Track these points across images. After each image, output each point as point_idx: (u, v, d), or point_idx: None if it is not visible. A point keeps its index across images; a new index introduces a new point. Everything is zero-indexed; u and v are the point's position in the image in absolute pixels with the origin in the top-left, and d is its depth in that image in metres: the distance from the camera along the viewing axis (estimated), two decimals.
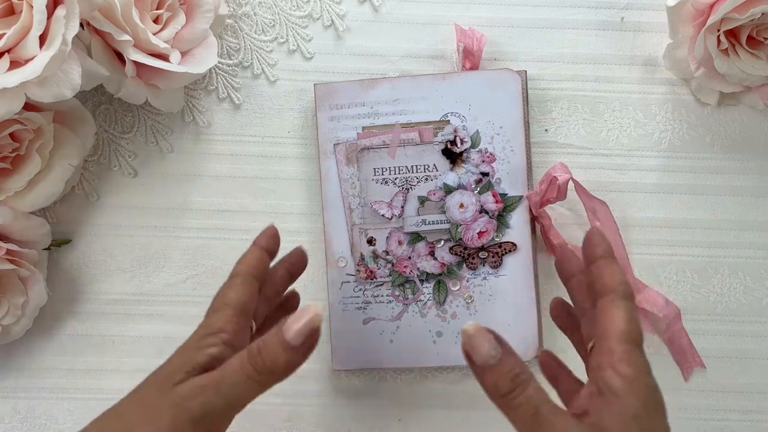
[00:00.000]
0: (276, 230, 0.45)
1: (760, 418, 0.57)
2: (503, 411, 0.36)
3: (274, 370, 0.36)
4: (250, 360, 0.36)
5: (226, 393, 0.36)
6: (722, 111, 0.57)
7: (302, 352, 0.37)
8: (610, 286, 0.37)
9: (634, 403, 0.33)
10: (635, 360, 0.34)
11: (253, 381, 0.36)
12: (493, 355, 0.35)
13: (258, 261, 0.43)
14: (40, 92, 0.44)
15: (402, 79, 0.55)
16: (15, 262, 0.51)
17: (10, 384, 0.57)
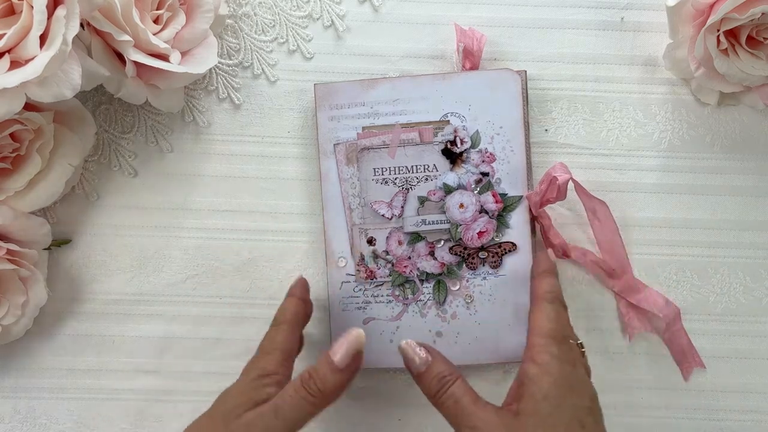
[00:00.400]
0: (305, 281, 0.52)
1: (760, 418, 0.57)
2: (437, 409, 0.41)
3: (325, 391, 0.41)
4: (303, 384, 0.41)
5: (284, 416, 0.40)
6: (722, 111, 0.57)
7: (348, 372, 0.41)
8: (539, 293, 0.44)
9: (545, 384, 0.38)
10: (551, 350, 0.40)
11: (307, 403, 0.41)
12: (422, 363, 0.42)
13: (297, 309, 0.49)
14: (41, 92, 0.44)
15: (402, 79, 0.55)
16: (15, 262, 0.51)
17: (10, 384, 0.57)
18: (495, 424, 0.37)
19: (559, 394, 0.38)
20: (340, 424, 0.57)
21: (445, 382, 0.40)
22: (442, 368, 0.41)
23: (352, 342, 0.41)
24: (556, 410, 0.38)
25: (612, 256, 0.55)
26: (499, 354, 0.54)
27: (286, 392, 0.41)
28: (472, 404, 0.39)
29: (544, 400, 0.38)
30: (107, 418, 0.57)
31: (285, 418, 0.40)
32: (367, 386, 0.57)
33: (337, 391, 0.41)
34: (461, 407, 0.39)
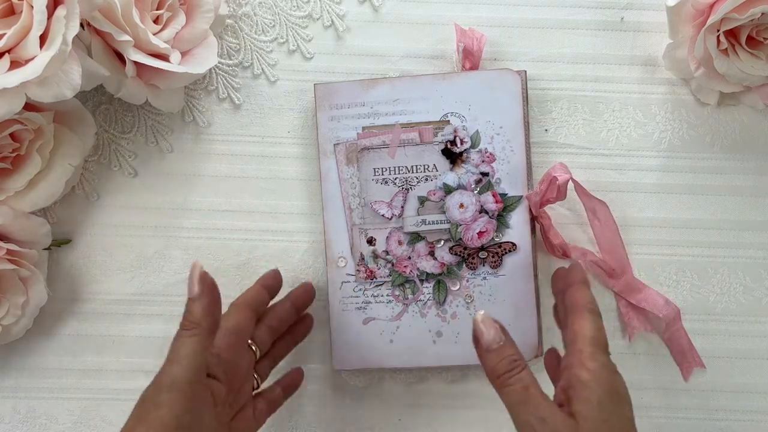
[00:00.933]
0: (278, 272, 0.54)
1: (760, 418, 0.57)
2: (498, 390, 0.41)
3: (196, 319, 0.43)
4: (181, 327, 0.43)
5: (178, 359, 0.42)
6: (722, 111, 0.57)
7: (206, 293, 0.43)
8: (582, 303, 0.44)
9: (598, 391, 0.39)
10: (600, 358, 0.40)
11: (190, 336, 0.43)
12: (497, 340, 0.41)
13: (256, 295, 0.51)
14: (41, 92, 0.44)
15: (402, 79, 0.55)
16: (15, 262, 0.51)
17: (10, 384, 0.57)
18: (560, 420, 0.38)
19: (612, 402, 0.39)
20: (341, 424, 0.57)
21: (516, 366, 0.40)
22: (514, 351, 0.41)
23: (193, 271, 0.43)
24: (611, 417, 0.38)
25: (612, 256, 0.55)
26: None
27: (174, 341, 0.43)
28: (542, 397, 0.39)
29: (599, 406, 0.38)
30: (107, 418, 0.57)
31: (177, 359, 0.42)
32: (367, 386, 0.57)
33: (206, 315, 0.43)
34: (531, 395, 0.39)
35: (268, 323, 0.52)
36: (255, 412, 0.50)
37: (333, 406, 0.57)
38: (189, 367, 0.42)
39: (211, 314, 0.43)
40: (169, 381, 0.41)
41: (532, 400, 0.39)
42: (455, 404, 0.57)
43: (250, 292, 0.51)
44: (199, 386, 0.42)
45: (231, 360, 0.47)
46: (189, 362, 0.42)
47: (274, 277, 0.53)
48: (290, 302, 0.54)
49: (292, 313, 0.54)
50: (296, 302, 0.54)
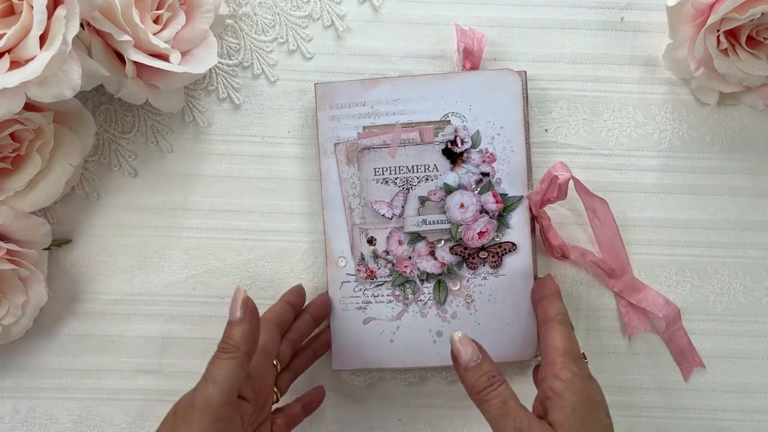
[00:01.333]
0: (302, 288, 0.55)
1: (760, 418, 0.57)
2: (478, 406, 0.43)
3: (236, 343, 0.43)
4: (219, 349, 0.44)
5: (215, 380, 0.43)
6: (722, 111, 0.57)
7: (248, 320, 0.44)
8: (551, 315, 0.47)
9: (573, 399, 0.41)
10: (572, 368, 0.43)
11: (229, 360, 0.43)
12: (474, 358, 0.44)
13: (281, 312, 0.52)
14: (41, 92, 0.44)
15: (402, 79, 0.55)
16: (15, 262, 0.51)
17: (10, 384, 0.57)
18: (538, 429, 0.40)
19: (587, 409, 0.41)
20: (341, 424, 0.57)
21: (494, 381, 0.43)
22: (491, 368, 0.44)
23: (236, 296, 0.44)
24: (586, 423, 0.41)
25: (612, 255, 0.55)
26: (499, 354, 0.54)
27: (211, 362, 0.44)
28: (520, 407, 0.41)
29: (573, 413, 0.41)
30: (107, 418, 0.57)
31: (214, 381, 0.42)
32: (367, 386, 0.57)
33: (246, 340, 0.44)
34: (509, 408, 0.41)
35: (289, 337, 0.53)
36: (273, 427, 0.50)
37: (333, 406, 0.57)
38: (224, 390, 0.42)
39: (252, 339, 0.44)
40: (202, 401, 0.42)
41: (511, 412, 0.41)
42: (455, 404, 0.57)
43: (275, 308, 0.52)
44: (230, 408, 0.43)
45: (259, 379, 0.48)
46: (225, 385, 0.42)
47: (298, 293, 0.54)
48: (309, 315, 0.54)
49: (311, 325, 0.54)
50: (314, 314, 0.54)
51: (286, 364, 0.53)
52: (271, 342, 0.50)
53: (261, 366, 0.48)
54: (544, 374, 0.43)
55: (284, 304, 0.53)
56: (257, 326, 0.45)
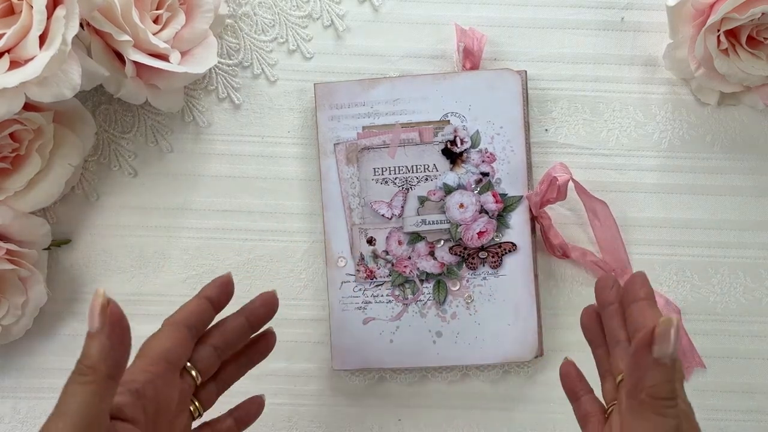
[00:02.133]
0: (228, 278, 0.44)
1: (760, 418, 0.57)
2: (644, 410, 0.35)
3: (94, 364, 0.35)
4: (75, 370, 0.35)
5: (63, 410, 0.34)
6: (722, 111, 0.57)
7: (107, 333, 0.35)
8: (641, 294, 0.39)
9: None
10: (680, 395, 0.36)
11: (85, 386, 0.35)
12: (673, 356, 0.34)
13: (196, 310, 0.43)
14: (40, 92, 0.44)
15: (402, 79, 0.55)
16: (15, 262, 0.51)
17: (10, 384, 0.57)
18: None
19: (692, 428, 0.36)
20: (341, 424, 0.57)
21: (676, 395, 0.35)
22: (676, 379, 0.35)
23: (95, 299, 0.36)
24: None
25: (612, 256, 0.55)
26: (498, 354, 0.54)
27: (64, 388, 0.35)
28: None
29: None
30: None
31: (64, 413, 0.34)
32: (367, 386, 0.57)
33: (106, 359, 0.35)
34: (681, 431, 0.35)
35: (212, 342, 0.43)
36: None
37: (333, 407, 0.57)
38: (78, 425, 0.34)
39: (115, 357, 0.35)
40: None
41: None
42: (455, 404, 0.57)
43: (189, 306, 0.43)
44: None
45: (155, 395, 0.39)
46: (78, 418, 0.34)
47: (220, 286, 0.44)
48: (244, 317, 0.45)
49: (246, 330, 0.45)
50: (251, 317, 0.45)
51: (212, 373, 0.44)
52: (178, 346, 0.41)
53: (161, 377, 0.39)
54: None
55: (201, 300, 0.43)
56: (124, 340, 0.36)
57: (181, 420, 0.41)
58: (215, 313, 0.44)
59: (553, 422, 0.57)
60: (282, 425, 0.57)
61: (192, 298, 0.43)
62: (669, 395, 0.34)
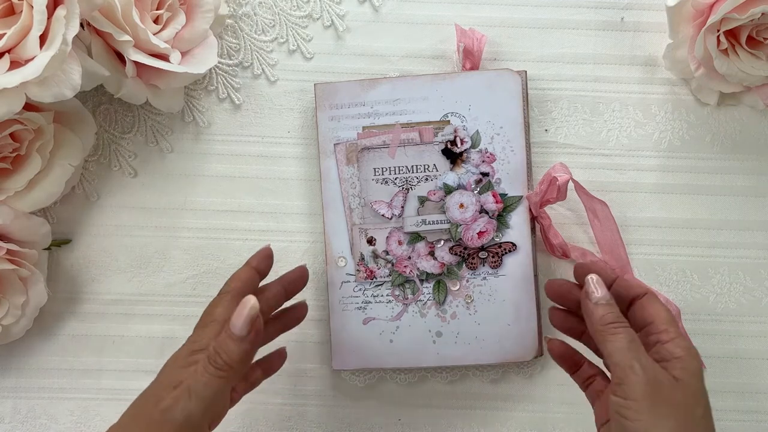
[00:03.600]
0: (270, 251, 0.49)
1: (760, 418, 0.57)
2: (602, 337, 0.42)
3: (231, 363, 0.42)
4: (210, 361, 0.42)
5: (197, 395, 0.41)
6: (722, 111, 0.57)
7: (250, 340, 0.42)
8: (644, 288, 0.45)
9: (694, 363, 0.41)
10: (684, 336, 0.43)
11: (217, 378, 0.41)
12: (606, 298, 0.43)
13: (247, 278, 0.47)
14: (41, 92, 0.44)
15: (402, 79, 0.55)
16: (15, 262, 0.51)
17: (10, 384, 0.57)
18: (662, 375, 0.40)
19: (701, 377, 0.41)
20: (341, 424, 0.57)
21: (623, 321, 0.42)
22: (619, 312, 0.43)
23: (247, 309, 0.42)
24: (702, 388, 0.41)
25: (612, 256, 0.55)
26: (498, 354, 0.54)
27: (197, 371, 0.42)
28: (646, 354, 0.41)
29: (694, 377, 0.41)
30: (107, 418, 0.57)
31: (199, 397, 0.41)
32: (367, 386, 0.57)
33: (243, 361, 0.42)
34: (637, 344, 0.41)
35: None
36: (232, 393, 0.48)
37: (333, 406, 0.57)
38: (208, 408, 0.41)
39: (249, 360, 0.43)
40: (183, 416, 0.40)
41: (638, 348, 0.41)
42: (455, 404, 0.57)
43: (240, 275, 0.48)
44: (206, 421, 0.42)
45: None
46: (211, 402, 0.41)
47: (266, 258, 0.49)
48: (281, 285, 0.50)
49: (282, 297, 0.50)
50: (288, 286, 0.50)
51: None
52: None
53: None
54: (654, 339, 0.42)
55: (250, 269, 0.48)
56: (257, 346, 0.43)
57: None
58: (260, 280, 0.49)
59: (552, 422, 0.57)
60: (282, 425, 0.57)
61: (242, 267, 0.48)
62: (614, 320, 0.42)
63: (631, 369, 0.39)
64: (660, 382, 0.39)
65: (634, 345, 0.41)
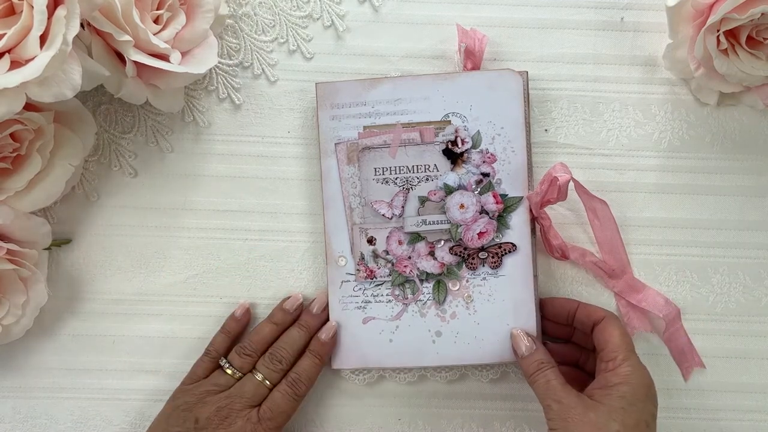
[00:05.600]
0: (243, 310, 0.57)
1: (759, 418, 0.57)
2: (531, 386, 0.50)
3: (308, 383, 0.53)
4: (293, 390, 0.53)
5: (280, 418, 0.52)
6: (722, 111, 0.57)
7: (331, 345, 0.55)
8: (601, 313, 0.52)
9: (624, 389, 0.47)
10: (630, 362, 0.48)
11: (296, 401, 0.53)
12: (529, 348, 0.51)
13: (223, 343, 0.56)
14: (41, 92, 0.44)
15: (403, 79, 0.55)
16: (15, 262, 0.51)
17: (10, 384, 0.57)
18: (575, 402, 0.47)
19: (635, 398, 0.46)
20: (341, 423, 0.57)
21: (542, 367, 0.49)
22: (542, 356, 0.50)
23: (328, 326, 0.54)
24: (629, 407, 0.46)
25: (612, 256, 0.55)
26: (497, 354, 0.54)
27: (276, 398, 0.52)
28: (560, 386, 0.48)
29: (621, 399, 0.46)
30: (107, 418, 0.57)
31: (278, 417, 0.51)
32: (367, 385, 0.57)
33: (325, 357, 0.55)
34: (551, 386, 0.48)
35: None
36: None
37: (333, 406, 0.57)
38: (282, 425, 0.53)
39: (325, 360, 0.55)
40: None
41: (552, 388, 0.48)
42: (455, 404, 0.57)
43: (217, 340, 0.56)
44: None
45: None
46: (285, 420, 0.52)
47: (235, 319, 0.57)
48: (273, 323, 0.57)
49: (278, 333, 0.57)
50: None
51: None
52: None
53: None
54: (602, 367, 0.49)
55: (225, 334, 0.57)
56: None
57: None
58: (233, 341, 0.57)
59: None
60: None
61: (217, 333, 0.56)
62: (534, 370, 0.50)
63: (548, 407, 0.47)
64: (572, 408, 0.46)
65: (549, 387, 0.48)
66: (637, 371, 0.48)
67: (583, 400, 0.47)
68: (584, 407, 0.46)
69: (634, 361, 0.48)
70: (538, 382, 0.49)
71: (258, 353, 0.54)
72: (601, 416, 0.45)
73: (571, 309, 0.54)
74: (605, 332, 0.50)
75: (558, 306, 0.55)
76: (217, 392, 0.52)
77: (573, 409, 0.46)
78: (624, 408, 0.46)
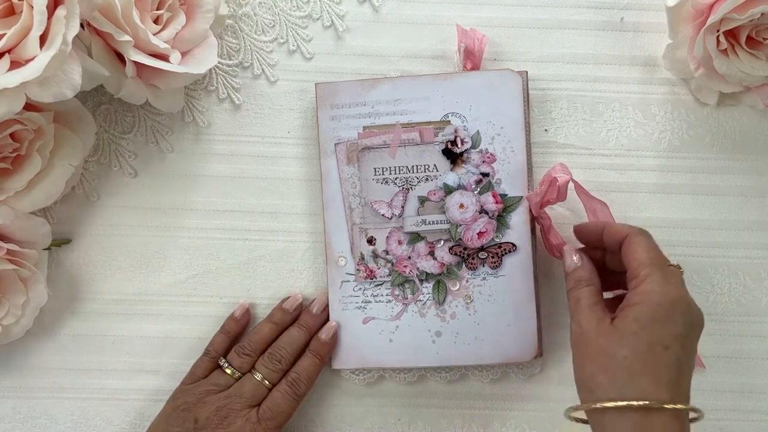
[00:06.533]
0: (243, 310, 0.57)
1: (760, 418, 0.57)
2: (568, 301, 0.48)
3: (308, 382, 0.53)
4: (293, 389, 0.53)
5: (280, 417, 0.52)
6: (722, 111, 0.57)
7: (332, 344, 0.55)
8: (626, 229, 0.47)
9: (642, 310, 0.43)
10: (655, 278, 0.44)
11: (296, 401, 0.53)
12: (571, 265, 0.49)
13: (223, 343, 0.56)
14: (41, 92, 0.44)
15: (403, 79, 0.55)
16: (15, 262, 0.51)
17: (10, 384, 0.57)
18: (592, 326, 0.44)
19: (652, 318, 0.43)
20: (341, 423, 0.57)
21: (578, 284, 0.48)
22: (582, 273, 0.48)
23: (329, 325, 0.55)
24: (642, 330, 0.42)
25: None
26: (497, 354, 0.54)
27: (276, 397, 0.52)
28: (587, 307, 0.46)
29: (635, 321, 0.43)
30: (107, 418, 0.57)
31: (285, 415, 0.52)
32: (367, 386, 0.57)
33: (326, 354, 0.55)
34: (578, 306, 0.46)
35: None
36: None
37: (332, 406, 0.57)
38: None
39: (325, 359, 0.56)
40: None
41: (578, 308, 0.46)
42: (455, 404, 0.57)
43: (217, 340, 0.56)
44: None
45: None
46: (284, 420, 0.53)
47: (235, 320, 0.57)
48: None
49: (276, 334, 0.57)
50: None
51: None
52: None
53: None
54: (629, 287, 0.45)
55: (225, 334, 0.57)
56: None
57: None
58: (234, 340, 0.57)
59: (552, 422, 0.57)
60: None
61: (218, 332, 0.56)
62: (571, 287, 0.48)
63: (571, 329, 0.46)
64: (587, 332, 0.44)
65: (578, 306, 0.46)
66: (660, 287, 0.43)
67: (602, 324, 0.44)
68: (597, 333, 0.44)
69: (657, 277, 0.44)
70: (570, 300, 0.48)
71: (257, 353, 0.54)
72: (612, 342, 0.43)
73: (599, 231, 0.50)
74: (629, 250, 0.46)
75: (587, 231, 0.52)
76: (217, 392, 0.52)
77: (588, 333, 0.44)
78: (635, 333, 0.42)
